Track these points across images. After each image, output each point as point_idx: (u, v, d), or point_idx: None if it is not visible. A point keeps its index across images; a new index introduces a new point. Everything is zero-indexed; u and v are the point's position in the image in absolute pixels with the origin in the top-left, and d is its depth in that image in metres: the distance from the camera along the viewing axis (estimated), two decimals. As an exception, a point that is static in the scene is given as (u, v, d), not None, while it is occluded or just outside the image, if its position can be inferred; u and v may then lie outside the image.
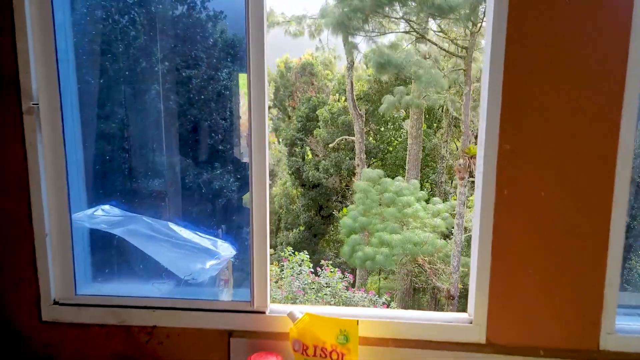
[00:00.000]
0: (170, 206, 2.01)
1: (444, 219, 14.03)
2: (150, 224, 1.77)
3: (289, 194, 26.48)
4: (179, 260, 1.72)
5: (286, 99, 32.71)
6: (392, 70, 12.12)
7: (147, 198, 1.96)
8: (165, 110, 2.29)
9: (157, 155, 2.15)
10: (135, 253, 1.68)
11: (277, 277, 7.89)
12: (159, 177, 2.04)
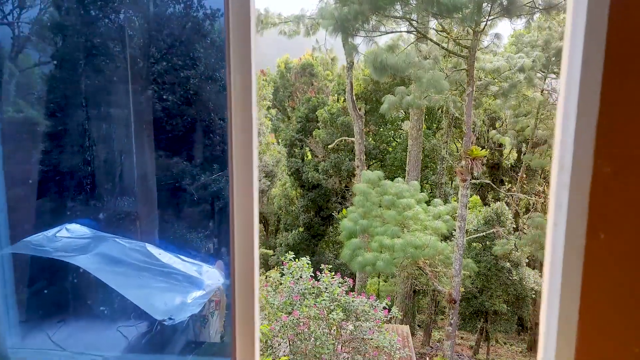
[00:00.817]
0: (147, 223, 1.74)
1: (445, 221, 13.81)
2: (123, 246, 1.52)
3: (288, 195, 26.28)
4: (154, 295, 1.45)
5: (286, 100, 32.52)
6: (390, 73, 11.91)
7: (121, 214, 1.70)
8: (139, 116, 2.06)
9: (127, 167, 1.89)
10: (99, 288, 1.42)
11: (277, 282, 7.69)
12: (132, 190, 1.79)
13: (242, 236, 1.10)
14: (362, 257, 11.69)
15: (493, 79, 15.42)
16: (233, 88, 1.16)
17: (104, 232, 1.59)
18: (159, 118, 3.72)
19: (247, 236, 1.10)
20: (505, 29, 43.24)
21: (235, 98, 1.15)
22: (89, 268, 1.44)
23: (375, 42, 13.11)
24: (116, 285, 1.38)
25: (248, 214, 1.05)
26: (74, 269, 1.42)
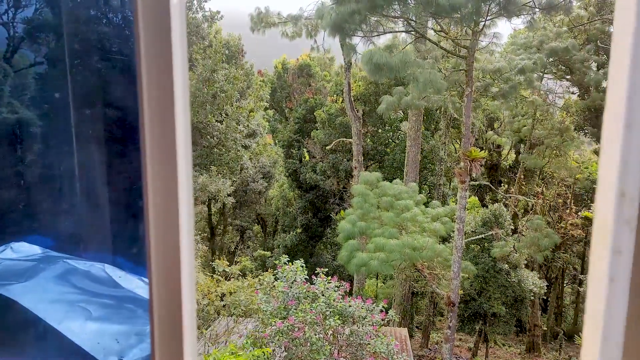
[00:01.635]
0: (112, 238, 1.50)
1: (443, 223, 13.70)
2: (75, 269, 1.30)
3: (286, 196, 26.14)
4: (104, 330, 1.22)
5: (283, 100, 32.40)
6: (387, 74, 11.78)
7: (82, 227, 1.46)
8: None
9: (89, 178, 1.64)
10: (34, 324, 1.15)
11: (270, 285, 7.54)
12: (96, 198, 1.56)
13: (162, 244, 0.74)
14: (357, 257, 11.57)
15: (493, 80, 15.32)
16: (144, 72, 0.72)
17: (58, 252, 1.34)
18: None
19: (169, 244, 0.74)
20: (504, 29, 43.24)
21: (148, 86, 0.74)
22: (23, 300, 1.17)
23: (373, 43, 13.00)
24: (55, 321, 1.11)
25: (170, 214, 0.73)
26: (6, 301, 1.16)
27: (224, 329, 8.07)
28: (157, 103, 0.72)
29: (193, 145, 19.25)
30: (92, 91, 1.98)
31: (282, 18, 18.24)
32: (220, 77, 17.57)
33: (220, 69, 17.82)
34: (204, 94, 17.23)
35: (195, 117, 17.69)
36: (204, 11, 18.42)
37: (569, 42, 17.18)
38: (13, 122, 1.90)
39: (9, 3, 2.96)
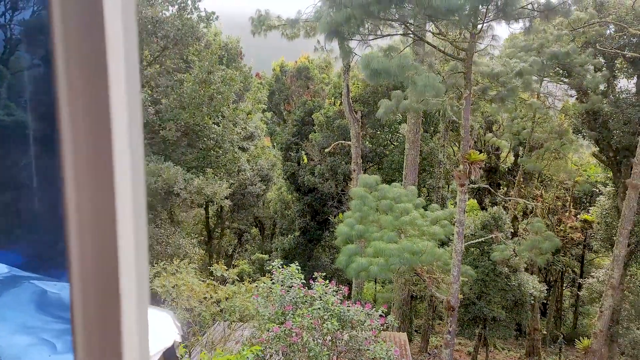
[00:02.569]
0: None
1: (442, 226, 13.61)
2: (42, 292, 1.14)
3: (284, 199, 26.03)
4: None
5: (281, 103, 32.35)
6: (385, 78, 11.70)
7: (54, 243, 1.28)
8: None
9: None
10: None
11: (268, 291, 7.42)
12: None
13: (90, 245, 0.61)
14: (356, 262, 11.44)
15: (490, 83, 15.25)
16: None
17: (27, 271, 1.16)
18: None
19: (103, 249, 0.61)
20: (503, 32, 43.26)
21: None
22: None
23: (370, 46, 12.91)
24: (13, 358, 0.95)
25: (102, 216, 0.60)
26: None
27: (220, 335, 7.94)
28: (82, 93, 0.59)
29: (189, 147, 19.11)
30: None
31: (282, 21, 18.17)
32: (216, 78, 17.46)
33: (216, 70, 17.72)
34: (201, 96, 17.13)
35: (191, 119, 17.57)
36: (198, 11, 18.34)
37: (570, 47, 17.13)
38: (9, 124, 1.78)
39: (6, 5, 2.85)
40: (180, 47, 17.97)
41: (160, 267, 8.05)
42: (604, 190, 24.09)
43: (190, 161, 18.77)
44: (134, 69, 0.62)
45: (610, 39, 19.40)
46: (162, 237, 16.91)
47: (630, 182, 16.56)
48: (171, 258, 10.78)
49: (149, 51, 18.71)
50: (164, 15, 17.59)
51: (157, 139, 18.32)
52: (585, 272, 27.22)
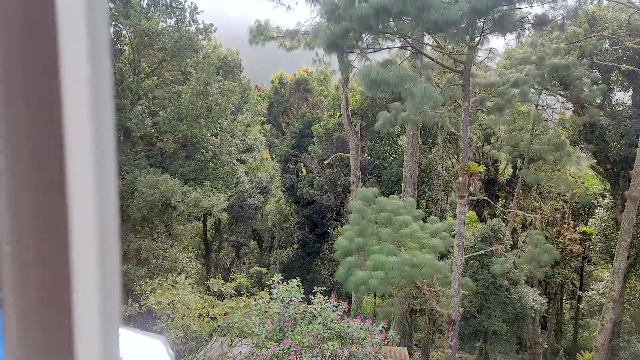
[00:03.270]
0: None
1: (442, 238, 13.50)
2: None
3: (283, 212, 25.91)
4: None
5: (280, 115, 32.43)
6: (383, 89, 11.71)
7: None
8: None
9: None
10: None
11: (266, 307, 7.29)
12: None
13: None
14: (356, 275, 11.32)
15: (488, 94, 15.30)
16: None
17: None
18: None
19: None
20: (500, 45, 43.71)
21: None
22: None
23: (369, 59, 12.96)
24: None
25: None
26: None
27: (218, 352, 7.78)
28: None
29: (187, 159, 19.07)
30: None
31: (280, 32, 18.27)
32: (214, 90, 17.48)
33: (214, 82, 17.74)
34: (198, 108, 17.12)
35: (189, 130, 17.54)
36: (197, 24, 18.42)
37: (570, 60, 17.25)
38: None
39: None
40: (178, 59, 18.03)
41: (156, 283, 7.92)
42: (602, 202, 24.07)
43: (187, 173, 18.70)
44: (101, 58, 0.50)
45: (606, 52, 19.57)
46: (158, 251, 16.76)
47: (628, 194, 16.54)
48: (168, 272, 10.66)
49: (146, 63, 18.77)
50: (162, 28, 17.68)
51: (155, 150, 18.27)
52: (584, 285, 27.06)
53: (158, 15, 18.15)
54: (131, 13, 16.89)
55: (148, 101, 18.44)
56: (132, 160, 17.65)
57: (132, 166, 17.38)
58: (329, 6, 10.04)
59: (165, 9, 18.31)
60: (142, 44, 17.45)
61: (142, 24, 16.52)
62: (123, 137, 17.73)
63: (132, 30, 17.14)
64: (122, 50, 18.62)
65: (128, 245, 17.16)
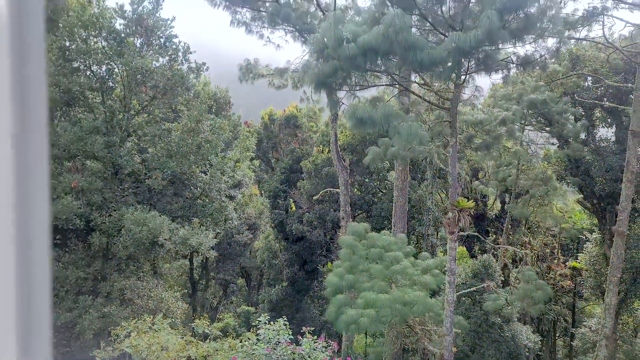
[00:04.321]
0: None
1: (434, 275, 13.32)
2: None
3: (272, 248, 25.55)
4: None
5: (270, 151, 32.57)
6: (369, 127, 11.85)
7: None
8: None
9: None
10: None
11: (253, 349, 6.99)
12: None
13: None
14: (346, 314, 11.02)
15: (475, 131, 15.57)
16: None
17: None
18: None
19: None
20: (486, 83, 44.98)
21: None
22: None
23: (357, 97, 13.17)
24: None
25: None
26: None
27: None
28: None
29: (175, 196, 18.86)
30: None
31: (270, 70, 18.60)
32: (205, 127, 17.55)
33: (205, 119, 17.84)
34: (188, 145, 17.11)
35: (178, 167, 17.44)
36: (189, 63, 18.72)
37: (547, 95, 17.76)
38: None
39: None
40: (169, 96, 18.17)
41: (132, 326, 7.60)
42: (590, 237, 24.18)
43: (176, 210, 18.45)
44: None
45: (588, 90, 20.19)
46: (143, 291, 16.26)
47: (616, 230, 16.63)
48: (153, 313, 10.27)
49: (137, 101, 18.86)
50: (154, 66, 17.89)
51: (143, 187, 18.07)
52: (577, 321, 26.77)
53: (151, 54, 18.41)
54: (125, 52, 17.12)
55: (138, 138, 18.40)
56: (120, 197, 17.42)
57: (119, 203, 17.13)
58: (318, 46, 10.26)
59: (158, 48, 18.61)
60: (134, 82, 17.60)
61: (135, 62, 16.72)
62: (111, 174, 17.57)
63: (125, 69, 17.32)
64: (113, 88, 18.75)
65: (112, 285, 16.65)
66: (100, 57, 17.30)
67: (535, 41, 13.15)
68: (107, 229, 16.72)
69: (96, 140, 16.36)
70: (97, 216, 16.63)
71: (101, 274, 17.44)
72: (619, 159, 19.13)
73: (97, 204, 16.70)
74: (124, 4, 18.25)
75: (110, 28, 17.78)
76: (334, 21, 9.77)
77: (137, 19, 18.02)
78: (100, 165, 16.81)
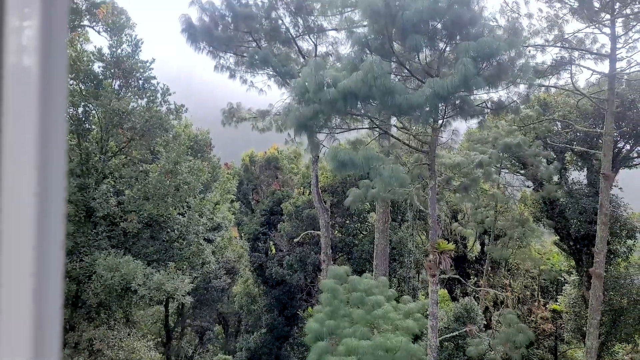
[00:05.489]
0: None
1: (416, 319, 13.07)
2: None
3: (251, 293, 24.81)
4: None
5: (250, 193, 32.36)
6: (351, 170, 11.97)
7: None
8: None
9: None
10: None
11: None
12: None
13: None
14: (328, 363, 10.61)
15: (453, 174, 15.85)
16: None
17: None
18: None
19: None
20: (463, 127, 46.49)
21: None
22: None
23: (338, 139, 13.35)
24: None
25: None
26: None
27: None
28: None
29: (151, 239, 18.32)
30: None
31: (252, 113, 18.79)
32: (184, 169, 17.36)
33: (184, 161, 17.68)
34: (166, 187, 16.83)
35: (155, 210, 17.05)
36: (168, 104, 18.77)
37: (520, 138, 18.36)
38: None
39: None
40: (147, 138, 18.04)
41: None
42: (568, 279, 24.36)
43: (151, 254, 17.87)
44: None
45: (559, 134, 20.98)
46: (114, 340, 15.40)
47: (593, 272, 16.79)
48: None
49: (114, 142, 18.65)
50: (132, 107, 17.85)
51: (118, 231, 17.54)
52: (560, 366, 26.43)
53: (129, 96, 18.41)
54: (102, 94, 17.09)
55: (114, 180, 18.05)
56: (93, 241, 16.83)
57: (92, 247, 16.52)
58: (300, 90, 10.45)
59: (137, 90, 18.66)
60: (111, 124, 17.46)
61: (112, 104, 16.66)
62: (85, 218, 17.04)
63: (102, 110, 17.22)
64: (90, 130, 18.54)
65: (80, 334, 15.74)
66: (76, 100, 17.20)
67: (507, 88, 13.74)
68: (77, 275, 16.00)
69: (70, 183, 15.97)
70: (67, 262, 15.96)
71: (69, 323, 16.52)
72: (591, 201, 19.63)
73: (67, 249, 16.07)
74: (102, 47, 18.41)
75: (87, 71, 17.80)
76: (315, 67, 10.02)
77: (115, 62, 18.13)
78: (73, 208, 16.32)
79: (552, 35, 16.86)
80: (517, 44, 11.24)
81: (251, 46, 16.87)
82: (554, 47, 17.08)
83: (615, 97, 16.26)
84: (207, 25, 15.85)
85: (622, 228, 20.43)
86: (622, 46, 16.36)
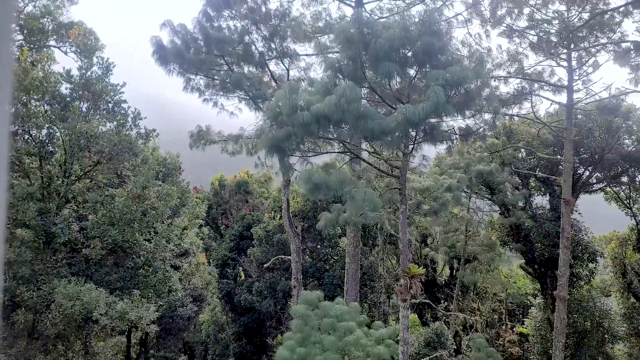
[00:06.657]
0: None
1: (387, 345, 12.93)
2: None
3: (218, 321, 23.99)
4: None
5: (219, 217, 31.75)
6: (325, 192, 11.96)
7: None
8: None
9: None
10: None
11: None
12: None
13: None
14: (300, 393, 10.28)
15: (424, 198, 16.07)
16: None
17: None
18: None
19: None
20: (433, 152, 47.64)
21: None
22: None
23: (310, 162, 13.34)
24: None
25: None
26: None
27: None
28: None
29: (115, 266, 17.56)
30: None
31: (222, 136, 18.59)
32: (152, 193, 16.87)
33: (152, 186, 17.20)
34: (133, 212, 16.27)
35: (120, 235, 16.39)
36: (138, 128, 18.37)
37: (493, 166, 18.92)
38: None
39: None
40: (115, 162, 17.51)
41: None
42: (534, 302, 24.85)
43: (115, 281, 17.09)
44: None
45: (523, 161, 21.76)
46: (71, 373, 14.48)
47: (557, 294, 17.17)
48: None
49: (79, 166, 18.00)
50: (100, 131, 17.36)
51: (79, 257, 16.75)
52: (530, 389, 26.63)
53: (98, 119, 17.93)
54: (69, 116, 16.56)
55: (77, 204, 17.32)
56: (52, 269, 15.96)
57: (50, 275, 15.66)
58: (273, 112, 10.47)
59: (106, 113, 18.20)
60: (77, 147, 16.89)
61: (79, 126, 16.14)
62: (44, 244, 16.19)
63: (68, 133, 16.66)
64: (53, 153, 17.86)
65: (34, 368, 14.73)
66: (40, 121, 16.60)
67: (474, 115, 14.20)
68: (34, 304, 15.08)
69: (29, 207, 15.21)
70: (24, 290, 15.04)
71: (24, 356, 15.45)
72: (554, 225, 20.27)
73: (24, 277, 15.17)
74: (71, 68, 17.97)
75: (54, 92, 17.27)
76: (289, 90, 10.07)
77: (84, 84, 17.69)
78: (32, 234, 15.51)
79: (514, 68, 17.67)
80: (483, 74, 11.69)
81: (223, 69, 16.86)
82: (516, 78, 17.87)
83: (573, 126, 17.06)
84: (179, 47, 15.76)
85: (584, 252, 21.12)
86: (579, 78, 17.30)
